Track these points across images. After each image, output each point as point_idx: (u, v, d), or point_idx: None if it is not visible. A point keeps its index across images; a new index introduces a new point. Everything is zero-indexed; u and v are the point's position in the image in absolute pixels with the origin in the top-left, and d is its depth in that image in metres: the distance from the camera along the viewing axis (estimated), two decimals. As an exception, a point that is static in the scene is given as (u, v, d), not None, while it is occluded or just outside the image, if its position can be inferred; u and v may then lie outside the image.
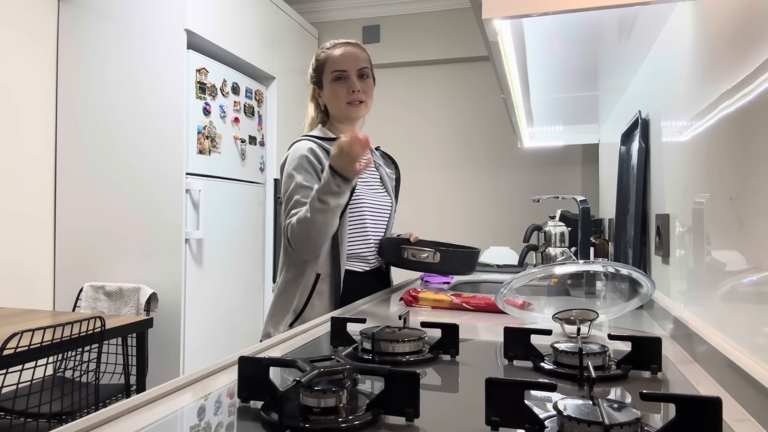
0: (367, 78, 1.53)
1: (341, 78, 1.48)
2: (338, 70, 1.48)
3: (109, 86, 2.73)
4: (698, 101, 0.94)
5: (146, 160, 2.68)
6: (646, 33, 1.29)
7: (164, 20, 2.66)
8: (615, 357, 0.79)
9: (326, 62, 1.51)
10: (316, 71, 1.55)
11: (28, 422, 1.81)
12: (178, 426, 0.58)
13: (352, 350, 0.82)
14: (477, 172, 3.84)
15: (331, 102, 1.52)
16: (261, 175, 3.38)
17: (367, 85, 1.52)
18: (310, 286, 1.41)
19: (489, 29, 1.03)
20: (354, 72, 1.49)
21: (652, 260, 1.40)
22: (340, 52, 1.50)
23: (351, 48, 1.52)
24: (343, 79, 1.49)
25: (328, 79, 1.51)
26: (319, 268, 1.41)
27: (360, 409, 0.57)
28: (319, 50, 1.56)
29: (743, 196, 0.72)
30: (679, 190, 1.10)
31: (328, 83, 1.51)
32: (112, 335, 2.00)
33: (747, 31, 0.72)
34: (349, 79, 1.48)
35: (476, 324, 1.14)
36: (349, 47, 1.52)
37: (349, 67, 1.48)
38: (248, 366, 0.63)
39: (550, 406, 0.63)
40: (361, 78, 1.50)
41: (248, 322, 3.25)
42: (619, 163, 1.73)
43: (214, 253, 2.89)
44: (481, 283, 1.91)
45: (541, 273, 1.09)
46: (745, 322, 0.71)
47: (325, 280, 1.42)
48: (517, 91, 1.73)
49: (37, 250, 2.70)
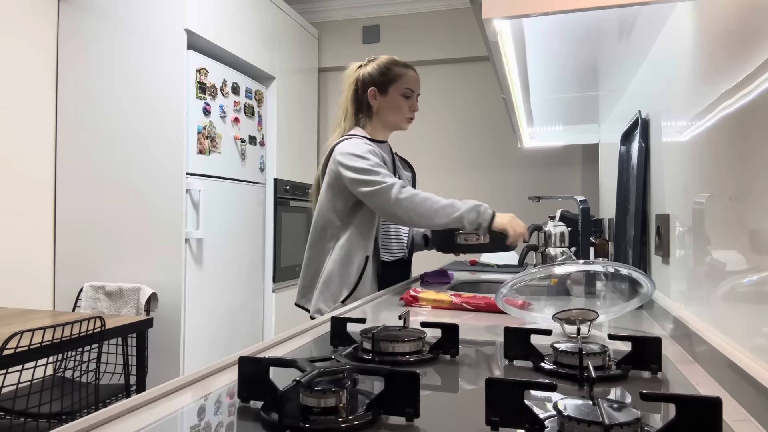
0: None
1: (409, 97, 1.70)
2: (410, 89, 1.69)
3: (109, 86, 2.73)
4: (698, 101, 0.94)
5: (146, 160, 2.68)
6: (646, 33, 1.29)
7: (164, 20, 2.66)
8: (615, 357, 0.79)
9: (402, 77, 1.69)
10: (385, 78, 1.68)
11: (28, 422, 1.81)
12: (178, 426, 0.58)
13: (352, 350, 0.82)
14: (477, 172, 3.85)
15: (391, 110, 1.69)
16: (261, 175, 3.38)
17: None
18: (362, 266, 1.58)
19: (489, 29, 1.03)
20: (416, 95, 1.72)
21: (652, 260, 1.40)
22: (414, 75, 1.71)
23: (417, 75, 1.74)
24: (410, 98, 1.70)
25: (397, 91, 1.68)
26: (367, 251, 1.59)
27: (360, 409, 0.57)
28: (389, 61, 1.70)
29: (743, 196, 0.72)
30: (679, 190, 1.10)
31: (397, 95, 1.68)
32: (112, 335, 2.00)
33: (747, 31, 0.72)
34: (413, 99, 1.71)
35: (476, 324, 1.14)
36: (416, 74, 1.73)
37: (417, 89, 1.72)
38: (248, 366, 0.63)
39: (550, 406, 0.63)
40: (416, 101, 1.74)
41: (248, 322, 3.25)
42: (619, 163, 1.73)
43: (214, 253, 2.89)
44: (481, 283, 1.91)
45: (541, 273, 1.09)
46: (745, 322, 0.71)
47: (370, 262, 1.60)
48: (517, 91, 1.73)
49: (37, 250, 2.70)
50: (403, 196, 1.49)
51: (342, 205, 1.61)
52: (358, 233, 1.60)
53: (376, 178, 1.51)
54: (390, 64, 1.70)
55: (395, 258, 1.73)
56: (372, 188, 1.50)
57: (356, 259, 1.58)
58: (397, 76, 1.68)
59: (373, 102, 1.68)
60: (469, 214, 1.49)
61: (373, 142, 1.64)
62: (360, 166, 1.53)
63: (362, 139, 1.61)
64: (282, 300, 3.55)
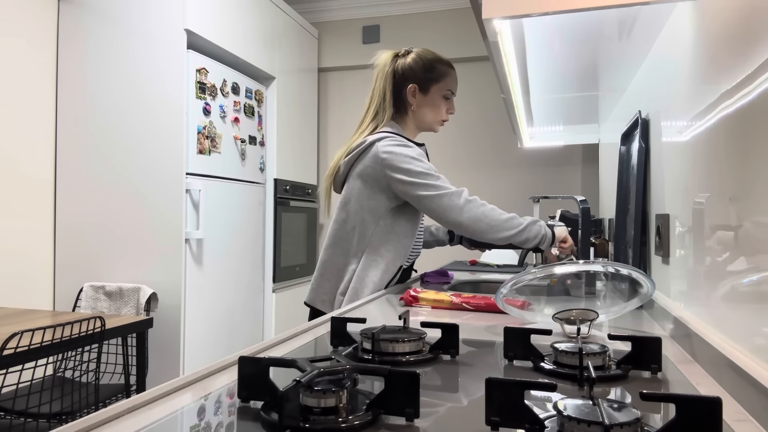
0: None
1: (449, 98, 1.62)
2: (452, 91, 1.61)
3: (109, 86, 2.73)
4: (698, 101, 0.94)
5: (146, 160, 2.68)
6: (646, 33, 1.29)
7: (164, 20, 2.66)
8: (615, 357, 0.79)
9: (446, 77, 1.59)
10: (428, 75, 1.58)
11: (28, 422, 1.81)
12: (178, 426, 0.58)
13: (352, 350, 0.82)
14: (477, 172, 3.84)
15: (429, 110, 1.60)
16: (261, 175, 3.38)
17: None
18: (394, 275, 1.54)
19: (489, 29, 1.03)
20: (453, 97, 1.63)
21: (652, 260, 1.40)
22: (455, 76, 1.62)
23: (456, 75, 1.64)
24: (450, 100, 1.62)
25: (439, 92, 1.59)
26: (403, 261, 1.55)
27: (360, 409, 0.57)
28: (434, 57, 1.60)
29: (743, 196, 0.72)
30: (679, 190, 1.10)
31: (438, 95, 1.59)
32: (112, 335, 2.00)
33: (747, 30, 0.72)
34: (451, 101, 1.63)
35: (476, 324, 1.14)
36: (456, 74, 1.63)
37: (456, 91, 1.63)
38: (248, 366, 0.63)
39: (550, 406, 0.63)
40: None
41: (248, 322, 3.25)
42: (619, 163, 1.73)
43: (214, 253, 2.89)
44: (481, 283, 1.91)
45: (541, 273, 1.09)
46: (744, 322, 0.71)
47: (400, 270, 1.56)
48: (517, 91, 1.73)
49: (37, 250, 2.70)
50: (472, 203, 1.43)
51: (381, 208, 1.50)
52: (399, 242, 1.52)
53: (438, 183, 1.44)
54: (434, 62, 1.58)
55: (411, 262, 1.67)
56: (435, 192, 1.43)
57: (393, 268, 1.52)
58: (441, 76, 1.58)
59: (412, 100, 1.57)
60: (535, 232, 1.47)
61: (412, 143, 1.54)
62: (418, 169, 1.44)
63: (406, 141, 1.51)
64: (282, 300, 3.55)
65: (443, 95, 1.59)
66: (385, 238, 1.51)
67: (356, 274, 1.50)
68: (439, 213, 1.44)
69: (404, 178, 1.44)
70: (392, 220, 1.51)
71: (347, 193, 1.54)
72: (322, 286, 1.56)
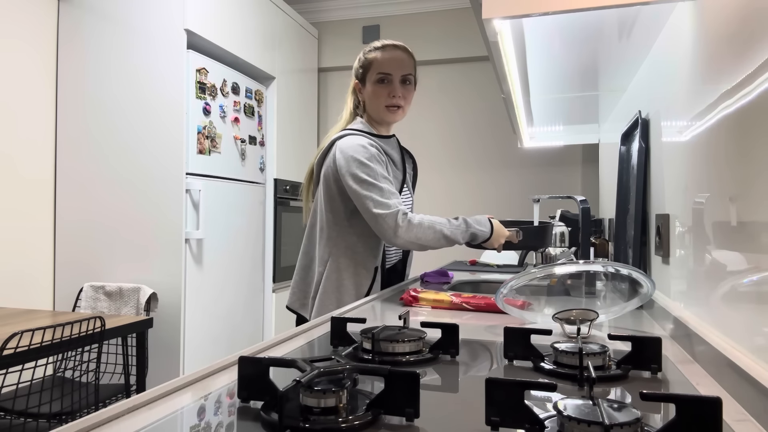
0: (409, 84, 1.55)
1: (384, 81, 1.51)
2: (383, 72, 1.50)
3: (109, 86, 2.73)
4: (698, 101, 0.94)
5: (146, 160, 2.68)
6: (646, 33, 1.29)
7: (164, 20, 2.66)
8: (615, 357, 0.79)
9: (373, 62, 1.52)
10: (362, 68, 1.55)
11: (28, 422, 1.81)
12: (178, 426, 0.58)
13: (352, 350, 0.82)
14: (477, 172, 3.84)
15: (371, 102, 1.54)
16: (261, 175, 3.38)
17: (408, 91, 1.55)
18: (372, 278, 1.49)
19: (489, 29, 1.03)
20: (398, 77, 1.51)
21: (652, 260, 1.40)
22: (388, 55, 1.51)
23: (399, 52, 1.53)
24: (386, 83, 1.51)
25: (371, 80, 1.52)
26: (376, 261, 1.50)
27: (360, 409, 0.57)
28: (368, 48, 1.56)
29: (743, 196, 0.72)
30: (679, 190, 1.10)
31: (371, 83, 1.52)
32: (112, 335, 2.00)
33: (747, 31, 0.72)
34: (392, 83, 1.51)
35: (476, 324, 1.14)
36: (398, 51, 1.52)
37: (394, 71, 1.50)
38: (248, 366, 0.63)
39: (550, 406, 0.63)
40: (403, 84, 1.53)
41: (248, 322, 3.25)
42: (619, 163, 1.73)
43: (214, 253, 2.89)
44: (481, 283, 1.91)
45: (541, 273, 1.09)
46: (745, 322, 0.71)
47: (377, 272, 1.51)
48: (517, 91, 1.73)
49: (37, 250, 2.70)
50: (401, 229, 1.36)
51: (342, 208, 1.47)
52: (366, 243, 1.48)
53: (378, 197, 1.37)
54: (364, 53, 1.54)
55: (392, 264, 1.61)
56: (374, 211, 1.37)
57: (365, 270, 1.48)
58: (369, 63, 1.52)
59: (360, 96, 1.57)
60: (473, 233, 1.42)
61: (376, 137, 1.52)
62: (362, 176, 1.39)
63: (365, 137, 1.47)
64: (282, 300, 3.55)
65: (376, 80, 1.51)
66: (351, 240, 1.48)
67: (325, 277, 1.47)
68: (376, 231, 1.40)
69: (350, 184, 1.41)
70: (357, 221, 1.47)
71: (317, 195, 1.54)
72: (298, 290, 1.56)
